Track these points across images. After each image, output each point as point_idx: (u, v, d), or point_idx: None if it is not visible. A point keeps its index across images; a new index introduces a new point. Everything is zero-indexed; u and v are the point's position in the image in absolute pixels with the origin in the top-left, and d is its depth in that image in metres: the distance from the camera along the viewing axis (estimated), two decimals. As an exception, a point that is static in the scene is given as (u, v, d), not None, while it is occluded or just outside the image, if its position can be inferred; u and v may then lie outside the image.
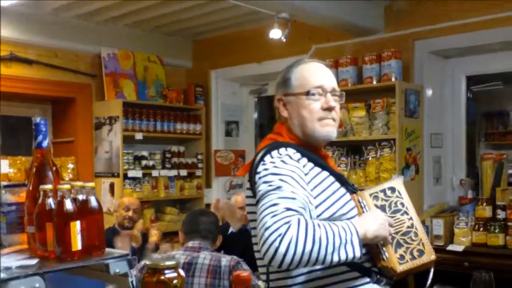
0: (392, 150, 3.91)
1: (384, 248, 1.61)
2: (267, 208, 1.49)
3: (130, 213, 4.20)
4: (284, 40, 3.99)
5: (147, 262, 1.16)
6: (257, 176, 1.59)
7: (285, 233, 1.41)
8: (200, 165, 5.42)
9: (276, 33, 3.97)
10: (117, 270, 1.27)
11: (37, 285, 1.09)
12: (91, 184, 1.30)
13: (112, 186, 4.85)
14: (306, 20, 4.18)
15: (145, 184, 5.02)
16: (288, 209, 1.47)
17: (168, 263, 1.16)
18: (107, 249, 1.33)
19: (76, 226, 1.21)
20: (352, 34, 4.37)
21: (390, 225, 1.64)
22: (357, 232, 1.52)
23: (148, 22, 5.00)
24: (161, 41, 5.40)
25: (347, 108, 4.22)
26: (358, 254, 1.51)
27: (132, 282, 1.32)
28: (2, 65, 4.42)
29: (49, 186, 1.25)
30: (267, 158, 1.61)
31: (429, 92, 4.20)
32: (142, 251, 3.95)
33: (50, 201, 1.23)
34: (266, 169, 1.58)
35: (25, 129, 4.98)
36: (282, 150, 1.63)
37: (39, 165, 1.32)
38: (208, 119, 5.51)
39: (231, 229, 4.30)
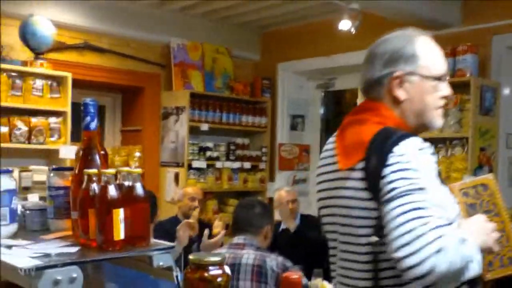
0: (464, 149, 3.70)
1: None
2: (410, 210, 1.27)
3: (196, 203, 4.20)
4: (354, 31, 3.84)
5: (191, 257, 1.09)
6: (387, 169, 1.33)
7: (442, 249, 1.22)
8: (264, 158, 5.37)
9: (345, 24, 3.83)
10: (161, 263, 1.21)
11: (74, 275, 1.05)
12: (138, 170, 1.25)
13: (176, 176, 4.88)
14: (378, 12, 4.01)
15: (209, 175, 5.01)
16: (439, 218, 1.28)
17: (212, 259, 1.09)
18: (153, 240, 1.28)
19: (119, 214, 1.16)
20: (425, 27, 4.12)
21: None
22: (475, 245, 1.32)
23: (217, 13, 4.99)
24: (230, 33, 5.37)
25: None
26: (480, 270, 1.32)
27: (177, 276, 1.27)
28: (76, 53, 4.54)
29: (93, 170, 1.20)
30: (401, 149, 1.34)
31: (507, 90, 3.94)
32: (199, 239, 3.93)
33: (94, 186, 1.19)
34: (403, 162, 1.33)
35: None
36: (416, 140, 1.37)
37: (86, 148, 1.28)
38: (273, 112, 5.44)
39: (282, 226, 4.22)
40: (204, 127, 4.92)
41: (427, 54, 1.52)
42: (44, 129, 4.07)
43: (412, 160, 1.34)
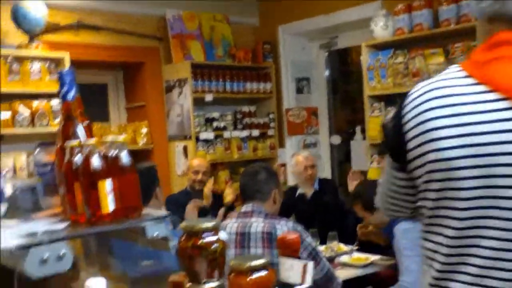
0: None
1: None
2: None
3: (199, 176, 4.16)
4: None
5: (182, 225, 1.04)
6: None
7: None
8: (272, 124, 5.30)
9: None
10: (156, 233, 1.16)
11: (62, 252, 1.00)
12: (122, 138, 1.18)
13: (185, 149, 4.84)
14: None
15: (217, 146, 4.96)
16: None
17: (205, 225, 1.03)
18: (145, 211, 1.22)
19: (105, 186, 1.11)
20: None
21: None
22: None
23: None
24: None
25: (423, 55, 3.93)
26: None
27: (174, 246, 1.21)
28: (71, 33, 4.46)
29: (74, 142, 1.14)
30: None
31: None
32: (214, 211, 3.91)
33: (77, 158, 1.13)
34: None
35: (98, 96, 5.05)
36: None
37: (65, 119, 1.22)
38: (278, 77, 5.34)
39: (298, 191, 4.18)
40: (209, 97, 4.84)
41: None
42: (47, 112, 4.02)
43: None
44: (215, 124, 4.94)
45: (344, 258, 3.28)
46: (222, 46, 5.14)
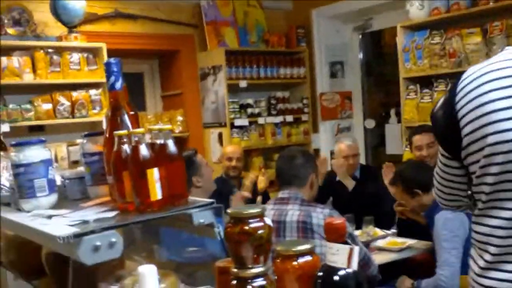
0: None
1: None
2: None
3: (233, 163, 4.19)
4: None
5: (229, 211, 1.06)
6: None
7: None
8: (306, 109, 5.28)
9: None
10: (202, 220, 1.19)
11: (113, 239, 1.04)
12: (168, 126, 1.21)
13: (220, 136, 4.87)
14: None
15: (252, 132, 4.98)
16: None
17: (252, 211, 1.04)
18: (191, 198, 1.25)
19: (154, 174, 1.14)
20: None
21: None
22: None
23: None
24: (259, -16, 5.23)
25: (461, 35, 3.85)
26: None
27: (219, 233, 1.24)
28: (108, 23, 4.52)
29: (123, 132, 1.17)
30: None
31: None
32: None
33: (125, 147, 1.16)
34: None
35: (135, 85, 5.12)
36: None
37: (113, 109, 1.25)
38: (311, 61, 5.32)
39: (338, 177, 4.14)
40: (243, 84, 4.86)
41: None
42: (86, 102, 4.10)
43: None
44: (249, 110, 4.96)
45: (380, 243, 3.27)
46: (256, 31, 5.14)
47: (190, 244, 1.33)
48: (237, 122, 4.85)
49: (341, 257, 0.98)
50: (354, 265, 0.98)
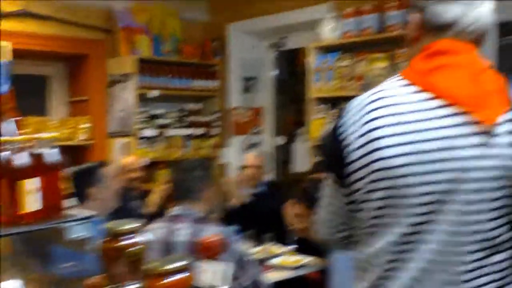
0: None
1: None
2: None
3: (137, 173, 4.08)
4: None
5: (106, 226, 1.00)
6: None
7: None
8: (217, 123, 5.26)
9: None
10: (79, 234, 1.11)
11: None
12: (48, 135, 1.13)
13: (126, 146, 4.73)
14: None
15: (160, 144, 4.88)
16: None
17: (126, 227, 1.00)
18: (71, 211, 1.17)
19: (27, 184, 1.05)
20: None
21: None
22: None
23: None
24: (177, -7, 5.17)
25: (369, 59, 3.99)
26: None
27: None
28: (16, 21, 4.29)
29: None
30: None
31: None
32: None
33: (1, 156, 1.07)
34: None
35: (39, 88, 4.88)
36: None
37: (-5, 114, 1.15)
38: (225, 75, 5.31)
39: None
40: (154, 93, 4.76)
41: None
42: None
43: None
44: (158, 121, 4.86)
45: (276, 260, 3.28)
46: (171, 41, 5.06)
47: (67, 258, 1.25)
48: (145, 133, 4.73)
49: (215, 275, 0.95)
50: (228, 283, 0.95)
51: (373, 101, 1.28)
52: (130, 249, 0.95)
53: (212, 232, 2.30)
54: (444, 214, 1.21)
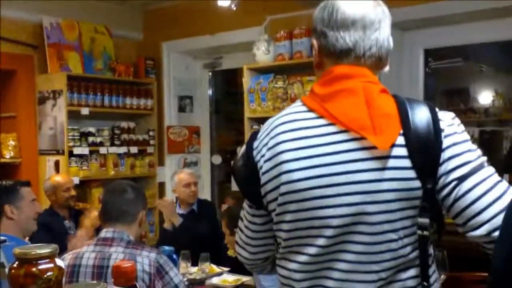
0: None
1: None
2: (496, 184, 1.21)
3: (72, 192, 3.96)
4: (234, 9, 3.76)
5: (15, 251, 0.95)
6: (447, 141, 1.22)
7: None
8: (152, 141, 5.18)
9: (224, 1, 3.73)
10: (-12, 260, 1.05)
11: None
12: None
13: (57, 164, 4.58)
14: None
15: (92, 162, 4.76)
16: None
17: (40, 251, 0.95)
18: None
19: None
20: (307, 4, 4.16)
21: None
22: None
23: (94, -10, 4.72)
24: (110, 11, 5.10)
25: (302, 81, 4.06)
26: None
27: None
28: None
29: None
30: (446, 119, 1.25)
31: (386, 67, 4.04)
32: None
33: None
34: (458, 133, 1.24)
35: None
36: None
37: None
38: (160, 93, 5.26)
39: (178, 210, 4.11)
40: (85, 111, 4.64)
41: None
42: None
43: (462, 129, 1.27)
44: (91, 139, 4.74)
45: (215, 280, 3.25)
46: (102, 58, 4.97)
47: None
48: (76, 151, 4.60)
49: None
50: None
51: (278, 125, 1.31)
52: (46, 275, 0.90)
53: (146, 261, 2.27)
54: (353, 236, 1.24)
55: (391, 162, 1.21)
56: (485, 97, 6.60)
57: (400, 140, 1.21)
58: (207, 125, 5.56)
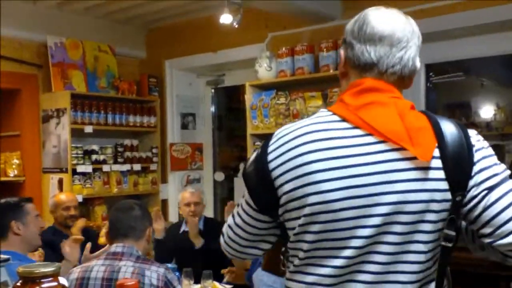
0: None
1: None
2: None
3: (72, 212, 3.94)
4: (236, 26, 3.78)
5: (19, 269, 0.95)
6: (478, 155, 1.27)
7: None
8: (155, 159, 5.20)
9: (226, 18, 3.76)
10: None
11: None
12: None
13: (60, 182, 4.60)
14: (259, 6, 3.99)
15: (96, 180, 4.77)
16: None
17: (44, 270, 0.96)
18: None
19: None
20: (308, 21, 4.21)
21: None
22: None
23: (98, 8, 4.77)
24: (113, 30, 5.16)
25: (304, 97, 4.08)
26: None
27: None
28: None
29: None
30: (474, 134, 1.31)
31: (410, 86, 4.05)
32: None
33: None
34: (485, 148, 1.30)
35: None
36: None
37: None
38: (163, 111, 5.29)
39: (183, 228, 4.12)
40: (88, 129, 4.67)
41: None
42: None
43: (487, 144, 1.32)
44: (94, 157, 4.75)
45: (219, 297, 3.24)
46: (106, 77, 5.01)
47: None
48: (80, 168, 4.61)
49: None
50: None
51: (305, 134, 1.29)
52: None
53: (155, 275, 2.34)
54: (380, 246, 1.24)
55: (430, 173, 1.23)
56: (486, 111, 6.60)
57: (436, 152, 1.24)
58: (210, 142, 5.58)
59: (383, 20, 1.32)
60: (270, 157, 1.30)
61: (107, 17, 4.99)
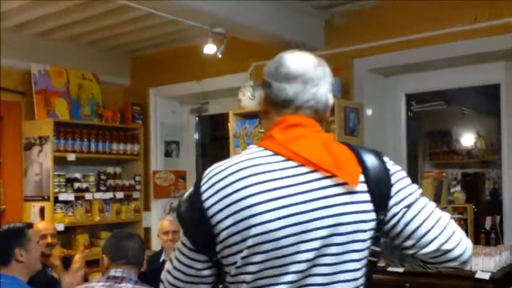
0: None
1: None
2: (434, 208, 1.44)
3: (49, 240, 3.89)
4: (220, 56, 3.83)
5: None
6: (394, 177, 1.42)
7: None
8: (138, 187, 5.18)
9: (210, 48, 3.80)
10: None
11: None
12: None
13: (42, 210, 4.55)
14: (243, 36, 4.05)
15: (78, 208, 4.73)
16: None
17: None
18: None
19: None
20: (291, 50, 4.26)
21: None
22: None
23: (83, 37, 4.79)
24: (97, 58, 5.18)
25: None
26: None
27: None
28: None
29: None
30: (388, 161, 1.46)
31: (369, 111, 4.12)
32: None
33: None
34: (399, 170, 1.46)
35: None
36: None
37: None
38: (146, 139, 5.29)
39: (163, 257, 4.09)
40: (71, 157, 4.65)
41: None
42: None
43: (400, 168, 1.47)
44: (76, 185, 4.73)
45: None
46: (90, 104, 5.01)
47: None
48: (62, 196, 4.58)
49: None
50: None
51: (240, 170, 1.34)
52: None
53: None
54: (319, 268, 1.32)
55: (358, 197, 1.36)
56: (467, 139, 6.70)
57: (361, 177, 1.38)
58: (194, 170, 5.58)
59: (296, 61, 1.44)
60: (204, 196, 1.34)
61: (92, 45, 5.01)
